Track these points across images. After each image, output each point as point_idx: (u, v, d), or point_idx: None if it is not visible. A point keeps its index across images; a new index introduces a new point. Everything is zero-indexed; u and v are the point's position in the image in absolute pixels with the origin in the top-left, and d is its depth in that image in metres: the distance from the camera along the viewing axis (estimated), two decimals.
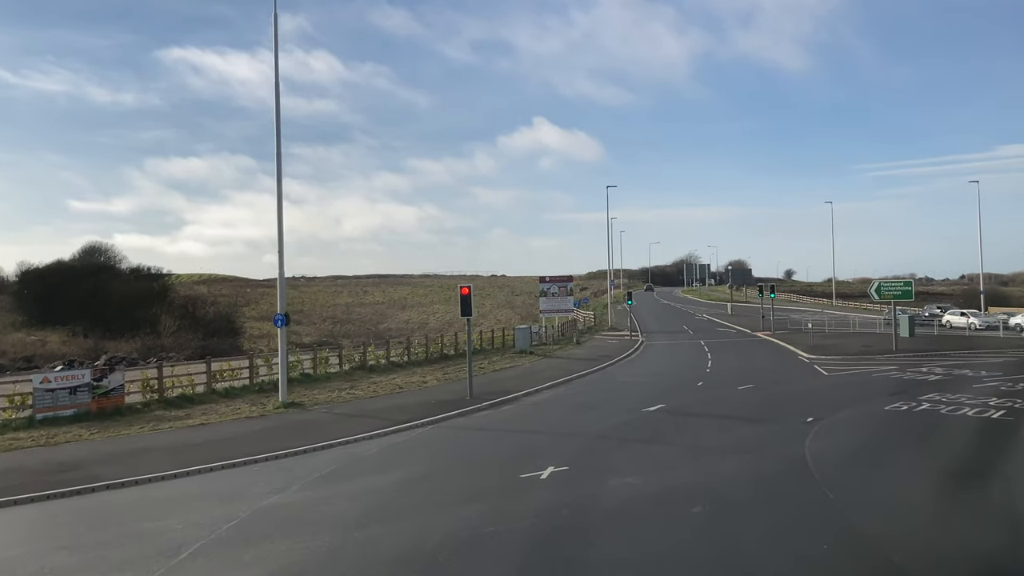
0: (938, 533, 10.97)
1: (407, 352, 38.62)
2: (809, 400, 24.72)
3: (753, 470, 15.45)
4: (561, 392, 28.83)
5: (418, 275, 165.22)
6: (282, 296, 25.40)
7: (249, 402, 25.95)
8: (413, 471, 16.07)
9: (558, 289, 57.01)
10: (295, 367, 31.85)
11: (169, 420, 22.66)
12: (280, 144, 25.06)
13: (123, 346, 51.01)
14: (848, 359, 37.98)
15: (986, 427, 19.01)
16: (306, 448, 18.59)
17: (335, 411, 24.10)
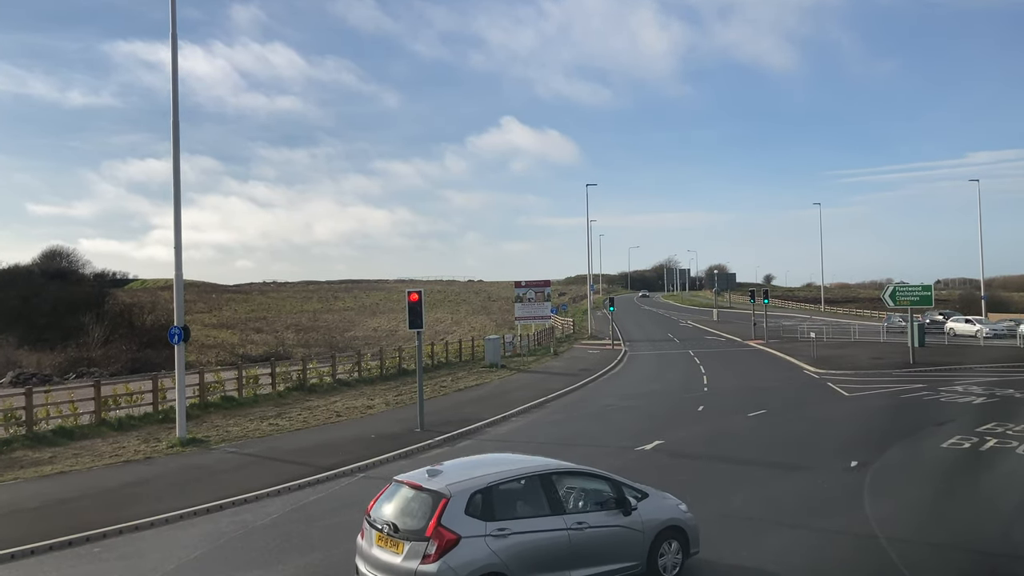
0: None
1: (357, 368, 33.42)
2: (840, 433, 19.99)
3: (806, 562, 10.58)
4: (534, 420, 23.83)
5: (393, 280, 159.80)
6: (179, 305, 20.16)
7: (143, 437, 20.73)
8: (310, 561, 11.00)
9: (535, 294, 52.10)
10: (216, 388, 26.65)
11: (22, 466, 17.40)
12: (177, 113, 19.91)
13: (46, 359, 45.34)
14: (862, 374, 33.37)
15: None
16: (181, 512, 13.54)
17: (245, 451, 18.93)
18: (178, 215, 20.19)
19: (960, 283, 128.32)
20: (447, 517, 8.19)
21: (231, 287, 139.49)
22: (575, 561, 8.76)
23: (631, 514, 9.33)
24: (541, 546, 8.55)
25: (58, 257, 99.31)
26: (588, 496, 9.37)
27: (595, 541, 8.95)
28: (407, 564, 8.16)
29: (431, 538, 8.10)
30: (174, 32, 19.95)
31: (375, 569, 8.56)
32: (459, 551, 8.05)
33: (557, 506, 8.94)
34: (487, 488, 8.60)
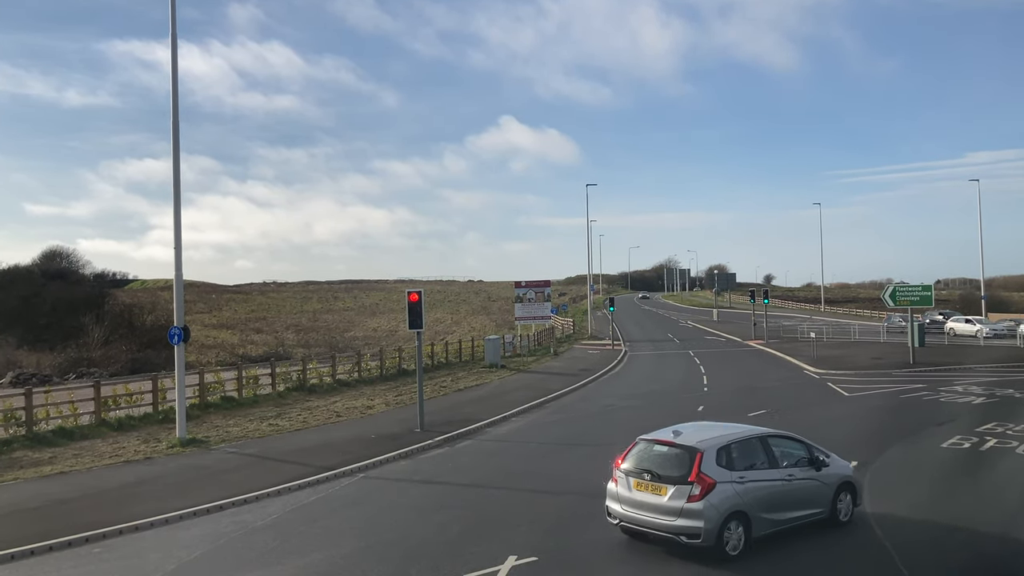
0: None
1: (357, 368, 33.39)
2: (840, 433, 19.94)
3: (810, 554, 10.57)
4: (534, 420, 23.83)
5: (393, 280, 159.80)
6: (179, 305, 20.17)
7: (143, 437, 20.71)
8: (310, 562, 10.99)
9: (535, 294, 52.09)
10: (216, 389, 26.64)
11: (22, 466, 17.39)
12: (177, 113, 19.91)
13: (46, 359, 45.30)
14: (862, 374, 33.36)
15: None
16: (181, 512, 13.54)
17: (245, 451, 18.92)
18: (178, 215, 20.19)
19: (960, 283, 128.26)
20: (704, 466, 10.47)
21: (231, 287, 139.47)
22: (787, 505, 11.13)
23: (821, 471, 11.65)
24: (767, 492, 10.91)
25: (58, 257, 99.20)
26: (792, 455, 11.66)
27: (799, 490, 11.33)
28: (673, 503, 10.41)
29: (695, 482, 10.36)
30: (174, 33, 19.94)
31: (637, 509, 10.83)
32: (715, 493, 10.29)
33: (774, 462, 11.30)
34: (727, 445, 10.95)
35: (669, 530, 10.41)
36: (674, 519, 10.35)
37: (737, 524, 10.44)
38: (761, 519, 10.72)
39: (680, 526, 10.29)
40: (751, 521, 10.57)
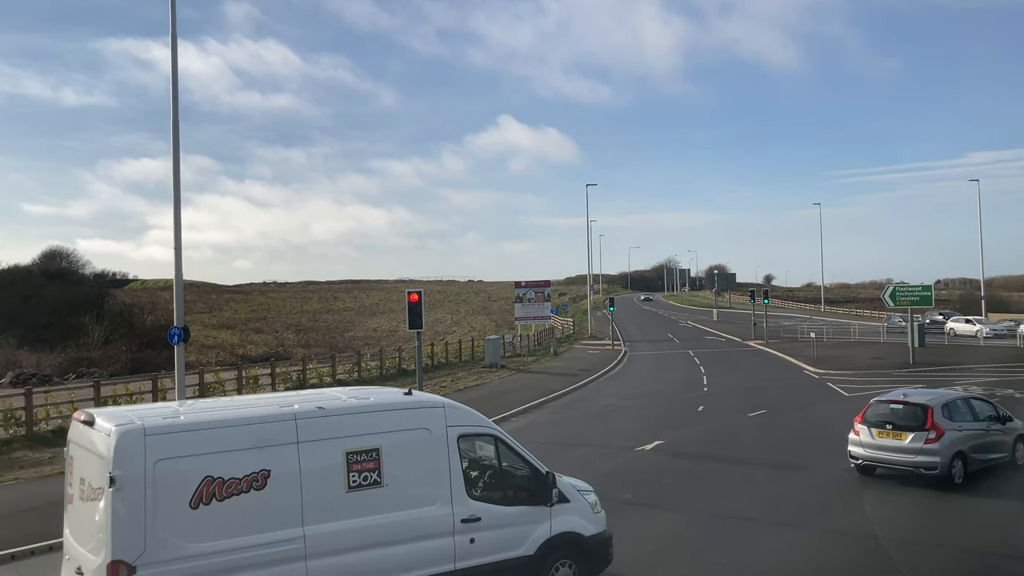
0: None
1: (357, 368, 33.40)
2: (840, 433, 19.85)
3: (807, 563, 10.59)
4: (534, 420, 23.84)
5: (393, 280, 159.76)
6: (179, 305, 20.13)
7: None
8: None
9: (535, 295, 52.11)
10: (216, 389, 26.65)
11: (22, 466, 17.42)
12: (177, 114, 19.91)
13: (45, 359, 45.31)
14: (862, 374, 33.37)
15: None
16: None
17: None
18: (178, 215, 20.15)
19: (960, 283, 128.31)
20: (936, 418, 14.09)
21: (231, 287, 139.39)
22: (987, 449, 14.87)
23: (1005, 425, 15.44)
24: (975, 438, 14.54)
25: (58, 257, 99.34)
26: (986, 412, 15.19)
27: (993, 439, 15.05)
28: (914, 444, 14.04)
29: (930, 429, 13.98)
30: (174, 33, 19.92)
31: (880, 451, 14.53)
32: (945, 437, 13.91)
33: (975, 417, 14.86)
34: (947, 403, 14.61)
35: (911, 464, 14.13)
36: (915, 456, 14.01)
37: (959, 461, 14.06)
38: (973, 458, 14.36)
39: (920, 461, 13.96)
40: (967, 459, 14.22)
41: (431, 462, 8.13)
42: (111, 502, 6.65)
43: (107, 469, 6.70)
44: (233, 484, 7.08)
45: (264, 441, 7.34)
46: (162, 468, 6.83)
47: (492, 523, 8.33)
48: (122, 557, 6.61)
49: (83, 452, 7.36)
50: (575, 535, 8.94)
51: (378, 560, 7.58)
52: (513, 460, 8.92)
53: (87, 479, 7.19)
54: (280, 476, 7.29)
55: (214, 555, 6.92)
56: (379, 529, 7.63)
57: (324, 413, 7.80)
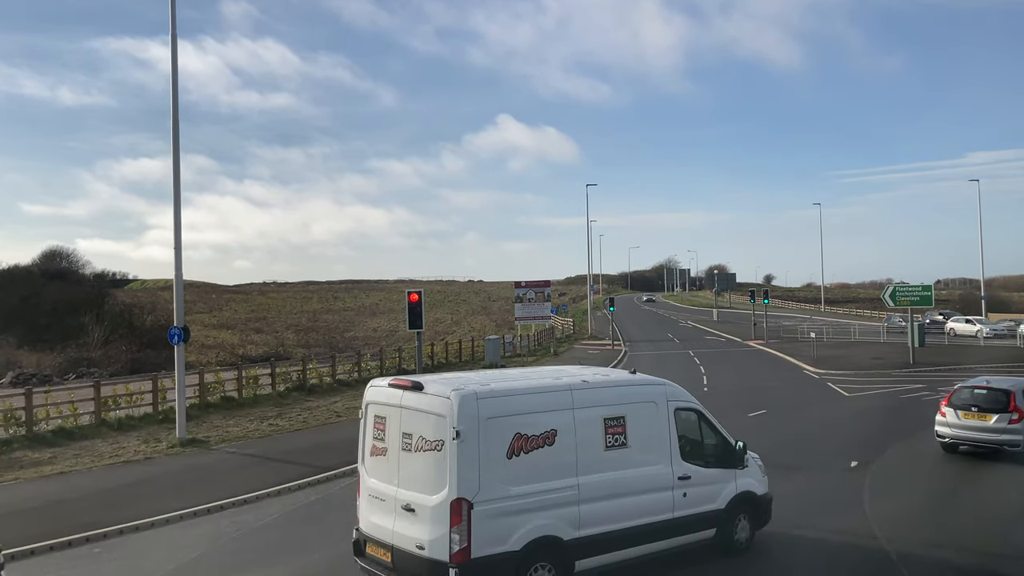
0: None
1: (357, 368, 33.41)
2: (840, 432, 20.02)
3: (807, 562, 10.59)
4: None
5: (393, 280, 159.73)
6: (179, 305, 20.17)
7: (144, 437, 20.71)
8: (309, 562, 11.00)
9: (535, 295, 52.19)
10: (216, 389, 26.64)
11: (22, 466, 17.39)
12: (177, 113, 19.91)
13: (46, 359, 45.31)
14: (862, 375, 33.37)
15: None
16: (181, 512, 13.54)
17: (245, 451, 18.93)
18: (178, 215, 20.20)
19: (960, 283, 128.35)
20: (1018, 401, 16.02)
21: (231, 287, 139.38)
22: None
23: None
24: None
25: (58, 257, 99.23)
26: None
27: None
28: (999, 424, 15.97)
29: (1013, 411, 15.92)
30: (174, 33, 19.95)
31: (966, 430, 16.34)
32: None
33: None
34: None
35: (995, 443, 16.02)
36: (999, 435, 15.95)
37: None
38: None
39: (1005, 439, 15.89)
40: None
41: (657, 429, 9.90)
42: (455, 451, 8.23)
43: (451, 424, 8.27)
44: (534, 440, 8.79)
45: (552, 406, 9.05)
46: (489, 425, 8.47)
47: (698, 481, 10.16)
48: (464, 495, 8.21)
49: (408, 412, 8.95)
50: (752, 494, 10.83)
51: (623, 507, 9.33)
52: (711, 431, 10.82)
53: (416, 434, 8.78)
54: (563, 435, 8.98)
55: (522, 496, 8.58)
56: (625, 482, 9.39)
57: (589, 385, 9.65)
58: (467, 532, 8.17)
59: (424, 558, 8.38)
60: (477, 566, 8.22)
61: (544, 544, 8.68)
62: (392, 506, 8.94)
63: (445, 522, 8.20)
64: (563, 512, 8.84)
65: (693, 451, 10.32)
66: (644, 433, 9.68)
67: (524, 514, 8.56)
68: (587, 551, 9.00)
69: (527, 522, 8.57)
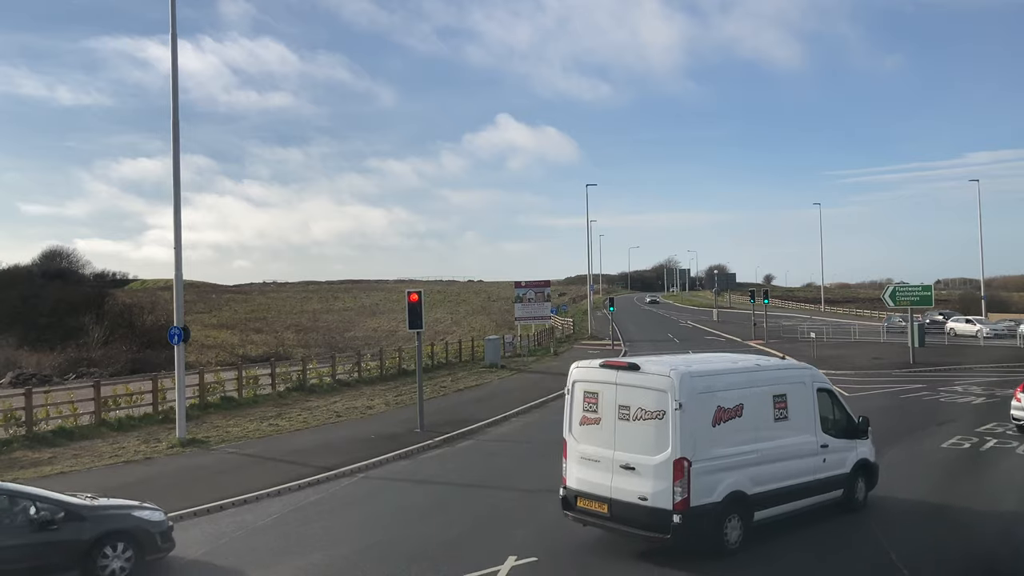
0: None
1: (357, 368, 33.41)
2: None
3: (807, 562, 10.59)
4: (534, 420, 23.85)
5: (393, 280, 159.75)
6: (179, 305, 20.18)
7: (143, 437, 20.72)
8: (310, 562, 11.00)
9: (535, 294, 52.15)
10: (216, 389, 26.66)
11: (22, 466, 17.38)
12: (177, 113, 19.92)
13: (46, 359, 45.30)
14: (862, 374, 33.36)
15: None
16: (181, 512, 13.54)
17: (245, 451, 18.93)
18: (178, 215, 20.20)
19: (960, 283, 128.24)
20: None
21: (231, 287, 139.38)
22: None
23: None
24: None
25: (58, 257, 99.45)
26: None
27: None
28: None
29: None
30: (174, 33, 19.96)
31: None
32: None
33: None
34: None
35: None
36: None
37: None
38: None
39: None
40: None
41: (805, 405, 11.79)
42: (677, 420, 10.03)
43: (673, 397, 10.09)
44: (728, 411, 10.63)
45: (739, 384, 10.98)
46: (700, 398, 10.29)
47: (833, 449, 12.08)
48: (685, 455, 10.01)
49: (625, 388, 10.72)
50: (867, 460, 12.92)
51: (786, 469, 11.22)
52: (840, 408, 12.81)
53: (635, 406, 10.54)
54: (747, 408, 10.84)
55: (722, 458, 10.42)
56: (786, 449, 11.29)
57: (762, 368, 11.91)
58: (687, 485, 9.96)
59: (648, 507, 10.14)
60: (693, 514, 9.98)
61: (736, 498, 10.48)
62: (609, 466, 10.67)
63: (667, 477, 9.98)
64: (747, 472, 10.68)
65: (828, 424, 12.26)
66: (798, 408, 11.58)
67: (723, 472, 10.38)
68: (762, 505, 10.85)
69: (725, 479, 10.37)
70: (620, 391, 10.76)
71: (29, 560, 9.48)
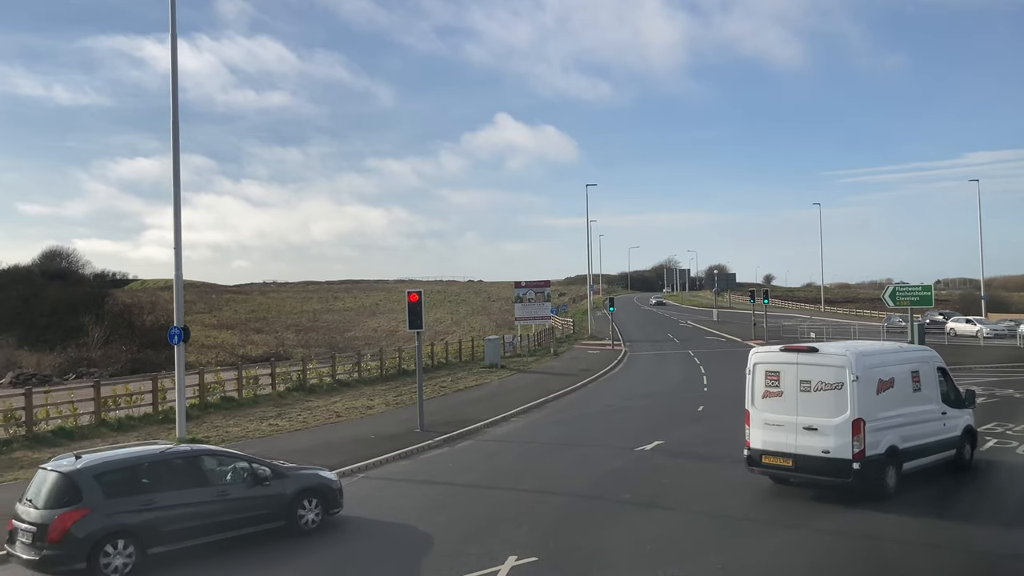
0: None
1: (357, 368, 33.41)
2: None
3: (807, 563, 10.58)
4: (534, 420, 23.85)
5: (393, 280, 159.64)
6: (179, 305, 20.18)
7: (143, 437, 20.64)
8: (310, 562, 11.00)
9: (535, 295, 52.21)
10: (215, 389, 26.67)
11: (22, 466, 17.37)
12: (177, 114, 19.92)
13: (46, 359, 45.30)
14: None
15: None
16: None
17: (245, 451, 18.87)
18: (178, 215, 20.20)
19: (960, 283, 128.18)
20: None
21: (231, 287, 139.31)
22: None
23: None
24: None
25: (58, 257, 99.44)
26: None
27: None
28: None
29: None
30: (174, 33, 19.96)
31: None
32: None
33: None
34: None
35: None
36: None
37: None
38: None
39: None
40: None
41: (931, 380, 14.39)
42: (854, 389, 12.76)
43: (850, 372, 12.83)
44: (885, 383, 13.32)
45: (891, 363, 13.80)
46: (868, 372, 13.04)
47: (949, 416, 14.57)
48: (861, 416, 12.74)
49: (805, 366, 13.40)
50: (971, 427, 15.42)
51: (920, 431, 13.84)
52: (950, 383, 15.12)
53: (815, 379, 13.23)
54: (896, 381, 13.52)
55: (883, 419, 13.10)
56: (919, 414, 13.90)
57: (903, 349, 15.54)
58: (863, 440, 12.67)
59: (830, 459, 12.84)
60: (867, 462, 12.70)
61: (892, 451, 13.19)
62: (792, 428, 13.28)
63: (847, 434, 12.66)
64: (898, 431, 13.31)
65: (945, 395, 14.72)
66: (926, 382, 14.17)
67: (884, 431, 13.03)
68: (908, 458, 13.52)
69: (885, 436, 13.06)
70: (801, 369, 13.42)
71: (251, 510, 11.54)
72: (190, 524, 10.82)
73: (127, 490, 10.61)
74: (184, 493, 10.94)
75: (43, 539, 10.01)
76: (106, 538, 10.20)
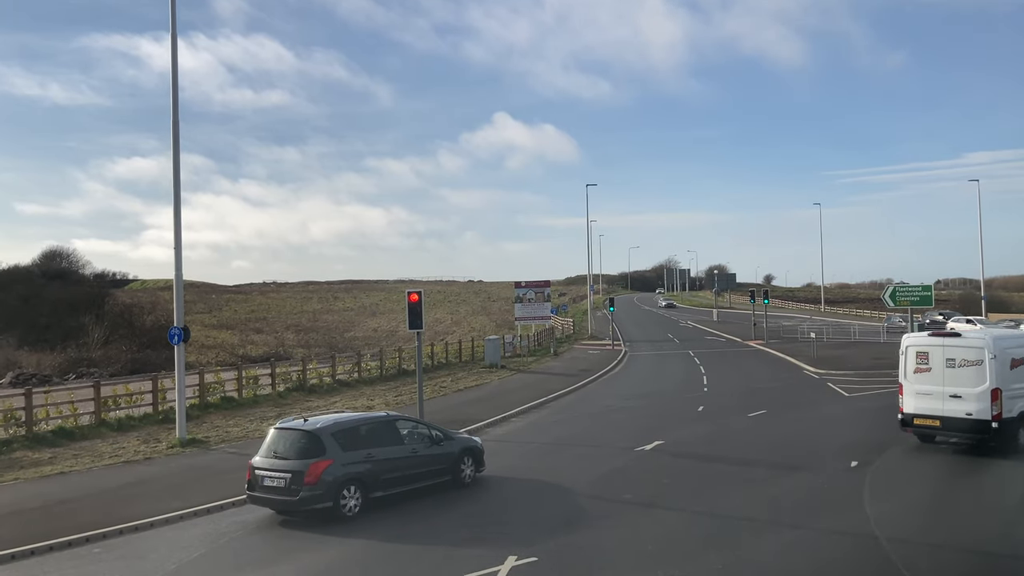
0: None
1: (357, 368, 33.40)
2: (840, 433, 19.98)
3: (807, 563, 10.58)
4: (533, 420, 23.84)
5: (393, 280, 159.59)
6: (179, 305, 20.16)
7: (143, 437, 20.73)
8: (311, 561, 11.00)
9: (535, 295, 52.23)
10: (216, 389, 26.65)
11: (22, 466, 17.41)
12: (177, 114, 19.91)
13: (46, 359, 45.29)
14: (862, 374, 33.33)
15: None
16: (181, 512, 13.57)
17: (245, 451, 18.80)
18: (178, 215, 20.21)
19: (960, 283, 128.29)
20: None
21: (231, 287, 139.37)
22: None
23: None
24: None
25: (58, 257, 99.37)
26: None
27: None
28: None
29: None
30: (174, 33, 19.95)
31: None
32: None
33: None
34: None
35: None
36: None
37: None
38: None
39: None
40: None
41: None
42: (993, 365, 15.86)
43: (989, 351, 15.92)
44: (1016, 362, 16.31)
45: (1019, 345, 16.78)
46: (1003, 352, 16.09)
47: (1012, 395, 16.22)
48: (999, 386, 15.84)
49: (950, 348, 16.57)
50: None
51: (1008, 400, 16.05)
52: None
53: (959, 358, 16.38)
54: (994, 362, 16.04)
55: (1015, 390, 16.18)
56: (1008, 391, 16.06)
57: (1000, 336, 17.40)
58: (1000, 405, 15.74)
59: (973, 419, 15.98)
60: (1004, 422, 15.80)
61: (1020, 416, 16.21)
62: (940, 396, 16.46)
63: (987, 400, 15.77)
64: (1019, 401, 16.22)
65: None
66: None
67: (1015, 399, 16.09)
68: None
69: (1017, 403, 16.11)
70: (947, 350, 16.55)
71: (430, 464, 14.22)
72: (395, 475, 13.47)
73: (354, 445, 13.10)
74: (390, 450, 13.55)
75: (299, 482, 12.29)
76: (345, 483, 12.70)
